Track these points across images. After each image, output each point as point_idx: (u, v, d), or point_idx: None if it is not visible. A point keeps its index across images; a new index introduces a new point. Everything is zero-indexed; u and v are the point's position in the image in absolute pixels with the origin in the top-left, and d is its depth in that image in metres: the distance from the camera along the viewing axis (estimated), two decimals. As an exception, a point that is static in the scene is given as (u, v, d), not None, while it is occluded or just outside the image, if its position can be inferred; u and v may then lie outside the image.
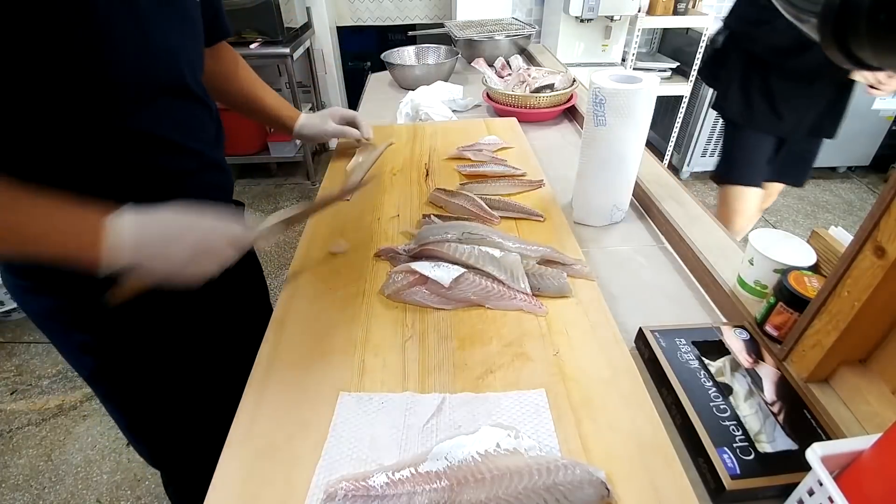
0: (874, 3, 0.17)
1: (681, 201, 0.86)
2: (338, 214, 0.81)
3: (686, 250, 0.74)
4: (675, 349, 0.55)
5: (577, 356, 0.55)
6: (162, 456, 0.83)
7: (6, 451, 1.48)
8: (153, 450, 0.82)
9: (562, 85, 1.24)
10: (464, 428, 0.47)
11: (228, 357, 0.74)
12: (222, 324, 0.76)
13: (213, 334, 0.74)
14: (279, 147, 2.72)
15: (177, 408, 0.75)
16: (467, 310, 0.62)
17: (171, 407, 0.74)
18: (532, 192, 0.87)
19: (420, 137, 1.07)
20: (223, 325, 0.76)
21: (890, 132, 2.70)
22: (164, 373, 0.70)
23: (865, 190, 2.82)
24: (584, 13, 2.17)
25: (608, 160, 0.75)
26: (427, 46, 1.68)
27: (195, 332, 0.71)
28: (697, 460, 0.47)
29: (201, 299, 0.66)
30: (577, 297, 0.63)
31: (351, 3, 2.67)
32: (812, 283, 0.54)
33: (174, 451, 0.81)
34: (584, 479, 0.41)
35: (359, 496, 0.41)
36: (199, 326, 0.71)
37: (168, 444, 0.80)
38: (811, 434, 0.47)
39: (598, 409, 0.49)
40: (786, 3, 0.20)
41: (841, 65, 0.20)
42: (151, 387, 0.71)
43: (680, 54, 2.76)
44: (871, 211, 0.43)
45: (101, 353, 0.66)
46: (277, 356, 0.56)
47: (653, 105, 0.71)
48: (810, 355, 0.50)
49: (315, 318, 0.61)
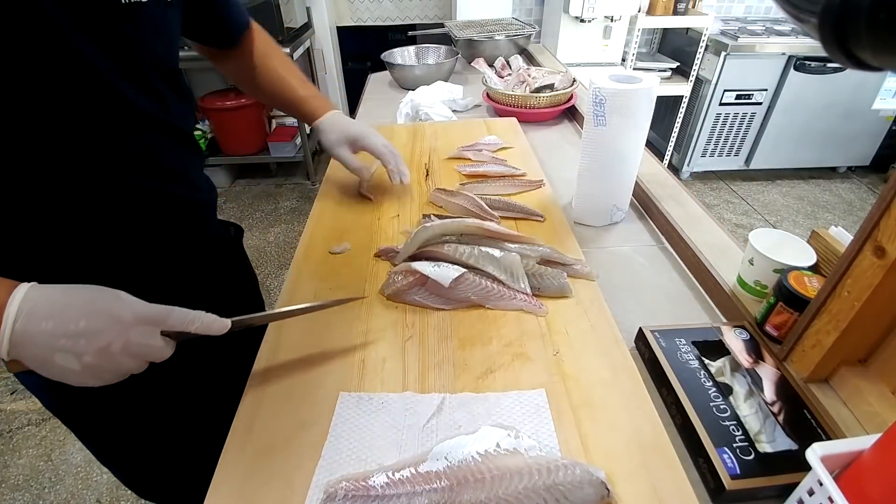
0: (874, 3, 0.17)
1: (681, 201, 0.86)
2: (338, 215, 0.81)
3: (686, 250, 0.74)
4: (675, 349, 0.55)
5: (577, 356, 0.55)
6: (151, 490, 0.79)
7: (6, 451, 1.48)
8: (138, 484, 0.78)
9: (562, 85, 1.24)
10: (464, 428, 0.47)
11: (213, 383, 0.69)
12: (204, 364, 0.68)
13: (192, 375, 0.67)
14: (279, 147, 2.72)
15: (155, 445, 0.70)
16: (467, 310, 0.62)
17: (148, 444, 0.69)
18: (532, 192, 0.87)
19: (420, 137, 1.07)
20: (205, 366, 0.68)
21: (890, 132, 2.70)
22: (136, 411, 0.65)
23: (865, 190, 2.82)
24: (584, 13, 2.17)
25: (608, 160, 0.75)
26: (427, 46, 1.68)
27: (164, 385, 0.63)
28: (697, 460, 0.47)
29: None
30: (577, 297, 0.63)
31: (351, 3, 2.67)
32: (812, 283, 0.54)
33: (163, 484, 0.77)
34: (584, 479, 0.41)
35: (359, 496, 0.41)
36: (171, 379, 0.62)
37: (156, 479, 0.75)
38: (811, 434, 0.47)
39: (598, 409, 0.49)
40: (786, 2, 0.20)
41: (842, 65, 0.20)
42: (122, 426, 0.65)
43: (680, 54, 2.76)
44: (871, 211, 0.43)
45: (56, 394, 0.61)
46: (277, 356, 0.56)
47: (653, 105, 0.71)
48: (810, 355, 0.50)
49: (315, 317, 0.61)
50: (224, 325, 0.46)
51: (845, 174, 2.97)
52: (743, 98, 2.60)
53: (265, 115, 2.77)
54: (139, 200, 0.55)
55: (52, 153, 0.46)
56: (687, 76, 2.64)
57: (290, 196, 2.80)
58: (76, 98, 0.46)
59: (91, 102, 0.47)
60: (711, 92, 2.58)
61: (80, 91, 0.46)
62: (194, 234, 0.65)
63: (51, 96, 0.44)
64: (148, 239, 0.58)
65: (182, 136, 0.59)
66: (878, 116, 2.64)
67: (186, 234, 0.63)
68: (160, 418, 0.68)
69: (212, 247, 0.71)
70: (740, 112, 2.65)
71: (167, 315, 0.43)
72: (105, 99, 0.48)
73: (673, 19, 2.44)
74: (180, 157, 0.59)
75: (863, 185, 2.86)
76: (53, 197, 0.49)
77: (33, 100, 0.43)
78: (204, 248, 0.68)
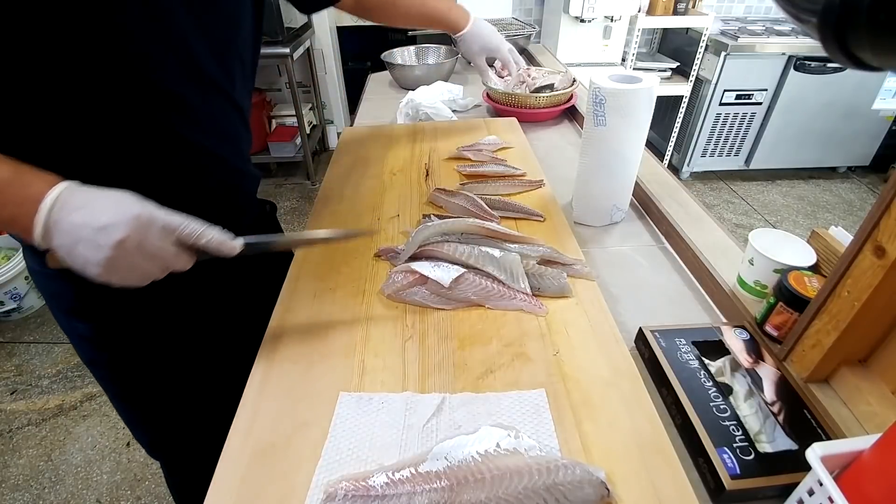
0: (874, 3, 0.17)
1: (681, 201, 0.86)
2: (338, 215, 0.81)
3: (686, 250, 0.74)
4: (675, 349, 0.55)
5: (577, 356, 0.55)
6: (162, 444, 0.83)
7: (6, 451, 1.48)
8: (153, 437, 0.82)
9: (562, 85, 1.24)
10: (464, 428, 0.47)
11: (232, 344, 0.73)
12: (227, 312, 0.75)
13: (217, 322, 0.74)
14: (279, 147, 2.72)
15: (178, 397, 0.75)
16: (467, 310, 0.62)
17: (171, 396, 0.74)
18: (532, 192, 0.87)
19: (420, 137, 1.07)
20: (228, 314, 0.75)
21: (890, 132, 2.70)
22: (165, 362, 0.70)
23: (865, 190, 2.82)
24: (584, 13, 2.17)
25: (608, 160, 0.75)
26: (427, 46, 1.68)
27: (197, 322, 0.71)
28: (697, 460, 0.47)
29: (207, 286, 0.66)
30: (577, 297, 0.63)
31: (351, 3, 2.67)
32: (812, 283, 0.54)
33: (175, 440, 0.81)
34: (584, 478, 0.41)
35: (359, 496, 0.41)
36: (202, 316, 0.71)
37: (169, 433, 0.80)
38: (811, 434, 0.47)
39: (598, 409, 0.49)
40: (786, 2, 0.20)
41: (842, 65, 0.20)
42: (152, 376, 0.71)
43: (680, 54, 2.76)
44: (871, 211, 0.43)
45: (100, 343, 0.66)
46: (277, 356, 0.56)
47: (653, 105, 0.71)
48: (810, 355, 0.50)
49: (315, 317, 0.61)
50: (233, 248, 0.49)
51: (845, 174, 2.97)
52: (743, 98, 2.60)
53: (265, 115, 2.77)
54: (195, 156, 0.59)
55: (118, 99, 0.50)
56: (687, 76, 2.64)
57: (290, 196, 2.80)
58: (152, 51, 0.50)
59: (165, 58, 0.51)
60: (711, 92, 2.58)
61: (157, 45, 0.50)
62: (239, 203, 0.70)
63: (126, 45, 0.48)
64: (197, 197, 0.60)
65: (241, 112, 0.64)
66: (878, 116, 2.64)
67: (232, 202, 0.68)
68: (185, 367, 0.72)
69: (252, 220, 0.77)
70: (740, 112, 2.65)
71: (180, 224, 0.46)
72: (180, 57, 0.52)
73: (673, 19, 2.44)
74: (238, 128, 0.64)
75: (863, 185, 2.86)
76: (113, 143, 0.52)
77: (107, 46, 0.47)
78: (245, 218, 0.74)
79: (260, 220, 0.81)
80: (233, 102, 0.62)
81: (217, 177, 0.64)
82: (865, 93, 2.55)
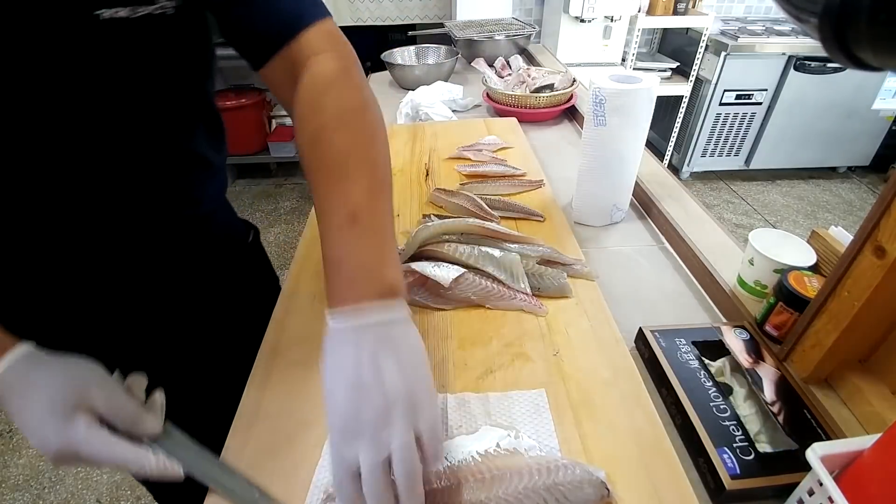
0: (874, 3, 0.17)
1: (681, 201, 0.86)
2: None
3: (686, 250, 0.74)
4: (675, 349, 0.55)
5: (577, 356, 0.55)
6: None
7: (6, 451, 1.48)
8: None
9: (562, 85, 1.24)
10: (464, 428, 0.47)
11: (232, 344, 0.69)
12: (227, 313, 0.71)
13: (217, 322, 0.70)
14: (279, 147, 2.72)
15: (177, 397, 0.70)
16: (467, 310, 0.62)
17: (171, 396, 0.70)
18: (532, 192, 0.87)
19: (420, 137, 1.07)
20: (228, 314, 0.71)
21: (890, 132, 2.71)
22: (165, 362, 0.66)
23: (865, 190, 2.82)
24: (584, 13, 2.17)
25: (608, 160, 0.75)
26: (427, 46, 1.68)
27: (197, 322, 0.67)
28: (697, 460, 0.47)
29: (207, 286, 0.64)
30: (577, 297, 0.63)
31: (351, 3, 2.67)
32: (812, 283, 0.54)
33: None
34: (584, 478, 0.41)
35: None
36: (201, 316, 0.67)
37: None
38: (811, 434, 0.46)
39: (598, 409, 0.49)
40: (786, 2, 0.20)
41: (842, 65, 0.20)
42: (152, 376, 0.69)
43: (680, 54, 2.76)
44: (871, 211, 0.43)
45: None
46: (278, 356, 0.56)
47: (653, 105, 0.71)
48: (810, 355, 0.50)
49: (315, 317, 0.61)
50: (178, 473, 0.41)
51: (845, 174, 2.97)
52: (743, 98, 2.60)
53: (265, 115, 2.77)
54: (116, 219, 0.53)
55: (39, 171, 0.46)
56: (687, 76, 2.64)
57: (290, 196, 2.80)
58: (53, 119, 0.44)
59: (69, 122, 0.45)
60: (711, 92, 2.58)
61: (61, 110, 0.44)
62: (191, 246, 0.63)
63: (28, 112, 0.43)
64: (139, 255, 0.57)
65: (180, 153, 0.55)
66: (878, 116, 2.64)
67: (181, 248, 0.61)
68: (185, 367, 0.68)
69: (217, 255, 0.68)
70: (740, 112, 2.65)
71: (109, 455, 0.40)
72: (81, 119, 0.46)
73: (673, 19, 2.44)
74: (175, 174, 0.56)
75: (863, 185, 2.86)
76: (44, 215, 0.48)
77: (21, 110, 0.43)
78: (206, 257, 0.66)
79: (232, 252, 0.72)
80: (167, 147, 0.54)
81: (159, 230, 0.58)
82: (865, 93, 2.55)
